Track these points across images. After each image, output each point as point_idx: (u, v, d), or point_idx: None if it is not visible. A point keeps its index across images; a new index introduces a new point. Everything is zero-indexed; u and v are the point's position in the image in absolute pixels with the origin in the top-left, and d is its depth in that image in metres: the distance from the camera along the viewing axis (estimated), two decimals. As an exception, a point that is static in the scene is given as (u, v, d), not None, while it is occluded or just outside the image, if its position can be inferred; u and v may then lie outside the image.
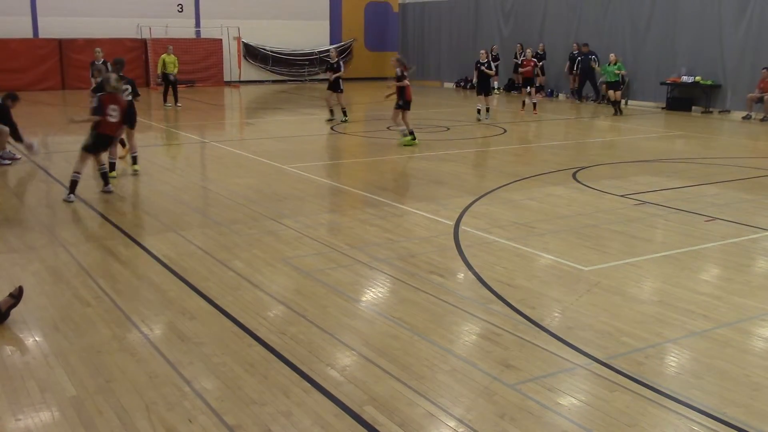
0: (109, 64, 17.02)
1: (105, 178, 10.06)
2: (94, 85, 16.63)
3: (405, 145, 14.34)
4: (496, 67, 27.17)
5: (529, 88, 20.97)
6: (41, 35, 27.28)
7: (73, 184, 9.57)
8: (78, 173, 9.59)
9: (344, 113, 18.06)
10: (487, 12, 28.98)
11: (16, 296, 5.61)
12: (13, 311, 5.58)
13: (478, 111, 18.87)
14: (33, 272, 6.72)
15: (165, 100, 21.90)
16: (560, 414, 4.23)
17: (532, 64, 20.90)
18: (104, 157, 10.33)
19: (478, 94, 18.89)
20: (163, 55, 22.31)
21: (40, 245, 7.60)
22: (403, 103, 14.41)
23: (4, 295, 5.64)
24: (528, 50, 22.48)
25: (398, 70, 14.57)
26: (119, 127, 10.02)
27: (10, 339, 5.29)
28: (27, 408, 4.28)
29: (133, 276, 6.64)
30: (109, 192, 9.93)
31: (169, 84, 21.80)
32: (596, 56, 23.17)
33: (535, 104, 20.78)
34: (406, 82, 14.48)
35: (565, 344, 5.18)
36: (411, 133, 14.53)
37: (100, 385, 4.54)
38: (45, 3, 27.30)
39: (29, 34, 27.21)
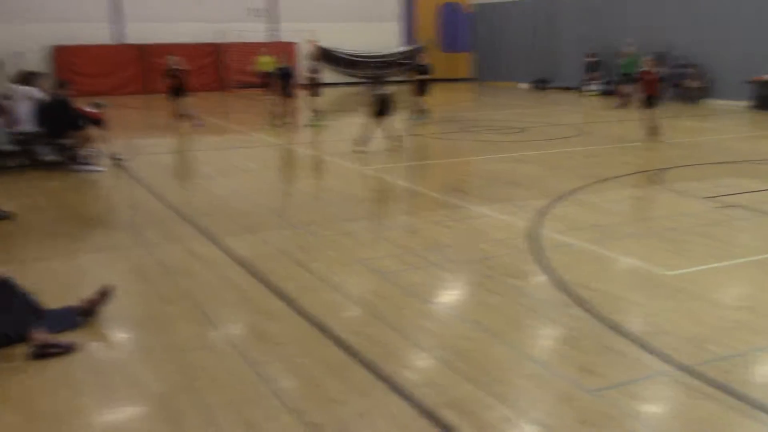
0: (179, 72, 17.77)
1: None
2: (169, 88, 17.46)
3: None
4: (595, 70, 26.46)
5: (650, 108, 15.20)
6: (123, 41, 28.26)
7: None
8: None
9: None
10: (563, 12, 28.54)
11: (105, 295, 5.81)
12: (101, 309, 5.79)
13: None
14: (118, 272, 6.96)
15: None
16: (642, 422, 4.12)
17: (655, 78, 15.19)
18: None
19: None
20: (259, 56, 24.81)
21: (125, 246, 7.86)
22: None
23: (92, 294, 5.85)
24: (648, 59, 15.81)
25: None
26: None
27: (98, 336, 5.49)
28: (114, 403, 4.43)
29: (214, 276, 6.79)
30: None
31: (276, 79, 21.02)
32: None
33: (655, 128, 15.21)
34: None
35: (646, 350, 5.05)
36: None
37: (184, 382, 4.66)
38: (127, 10, 28.28)
39: (110, 41, 28.21)
